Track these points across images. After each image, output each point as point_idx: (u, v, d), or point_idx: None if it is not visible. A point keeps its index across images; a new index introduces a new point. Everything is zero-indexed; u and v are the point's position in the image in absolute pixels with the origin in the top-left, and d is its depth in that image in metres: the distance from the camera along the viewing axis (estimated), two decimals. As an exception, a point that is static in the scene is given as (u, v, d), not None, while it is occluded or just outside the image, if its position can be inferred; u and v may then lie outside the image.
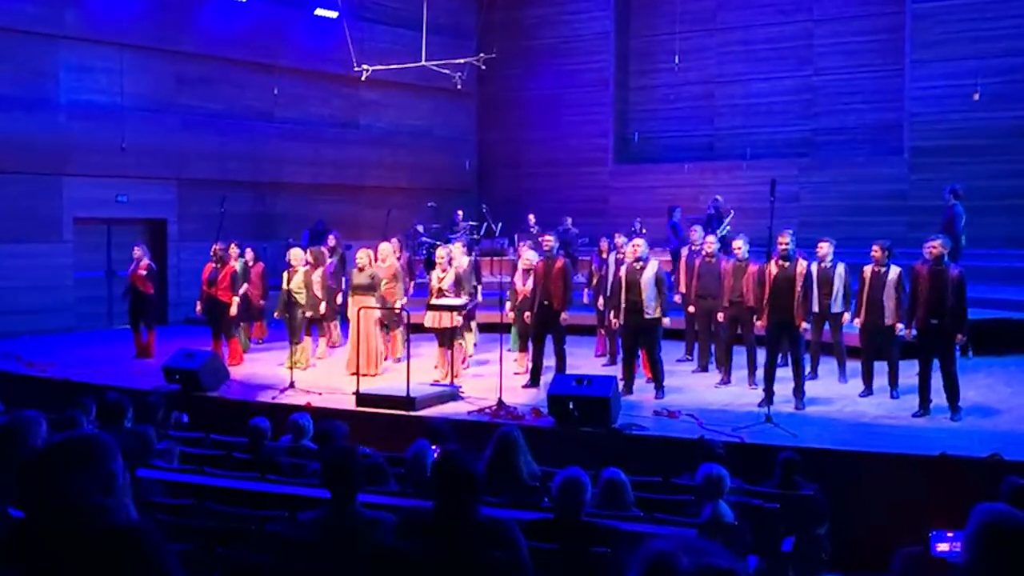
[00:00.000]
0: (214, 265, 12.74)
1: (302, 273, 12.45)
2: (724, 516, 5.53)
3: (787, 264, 9.65)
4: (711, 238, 11.84)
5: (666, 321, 10.38)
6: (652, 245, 11.26)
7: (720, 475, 5.76)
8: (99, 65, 16.69)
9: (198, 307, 13.05)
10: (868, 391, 10.29)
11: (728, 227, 15.83)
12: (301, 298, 12.38)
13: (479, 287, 13.25)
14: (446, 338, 11.29)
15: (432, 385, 10.71)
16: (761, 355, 10.27)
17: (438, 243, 14.70)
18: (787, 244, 9.66)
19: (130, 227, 17.21)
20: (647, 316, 10.18)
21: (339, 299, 13.34)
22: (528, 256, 11.68)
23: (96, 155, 16.36)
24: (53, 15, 15.96)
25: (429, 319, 11.32)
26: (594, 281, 12.86)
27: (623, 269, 10.51)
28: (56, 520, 2.71)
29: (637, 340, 10.43)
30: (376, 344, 11.87)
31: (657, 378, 10.40)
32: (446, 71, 16.85)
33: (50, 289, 15.97)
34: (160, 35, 17.26)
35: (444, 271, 11.45)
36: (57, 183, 16.11)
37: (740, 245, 10.93)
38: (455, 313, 11.20)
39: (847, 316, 10.63)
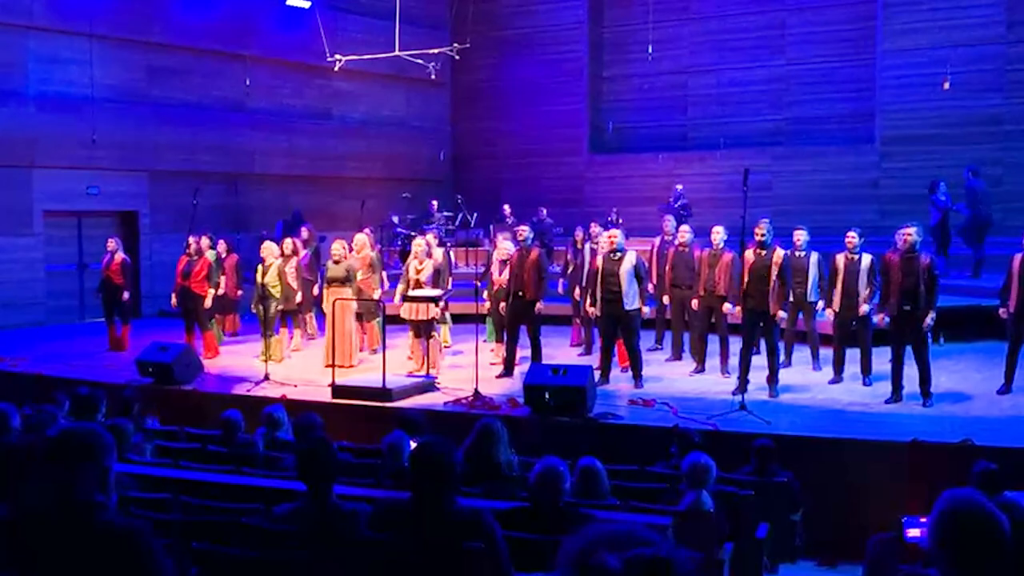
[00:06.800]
0: (189, 257, 12.64)
1: (275, 266, 12.37)
2: (704, 505, 5.56)
3: (764, 252, 9.72)
4: (685, 227, 11.88)
5: (645, 310, 10.41)
6: (627, 235, 11.28)
7: (707, 465, 5.81)
8: (68, 56, 16.48)
9: (173, 300, 12.95)
10: (838, 378, 10.36)
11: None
12: (276, 291, 12.30)
13: (450, 278, 13.18)
14: (422, 329, 11.26)
15: (408, 376, 10.69)
16: (734, 344, 10.34)
17: (414, 234, 14.65)
18: (764, 233, 9.74)
19: (101, 219, 17.05)
20: (626, 307, 10.21)
21: (315, 291, 13.27)
22: (505, 247, 11.66)
23: (66, 147, 16.17)
24: (21, 5, 15.75)
25: (406, 310, 11.28)
26: (569, 271, 12.86)
27: (600, 259, 10.53)
28: (57, 513, 2.70)
29: (616, 330, 10.46)
30: (352, 336, 11.82)
31: (636, 367, 10.42)
32: (420, 61, 16.79)
33: (20, 283, 15.79)
34: (130, 25, 17.07)
35: (422, 262, 11.40)
36: (27, 175, 15.92)
37: (718, 231, 10.96)
38: (433, 304, 11.16)
39: (821, 304, 10.68)
